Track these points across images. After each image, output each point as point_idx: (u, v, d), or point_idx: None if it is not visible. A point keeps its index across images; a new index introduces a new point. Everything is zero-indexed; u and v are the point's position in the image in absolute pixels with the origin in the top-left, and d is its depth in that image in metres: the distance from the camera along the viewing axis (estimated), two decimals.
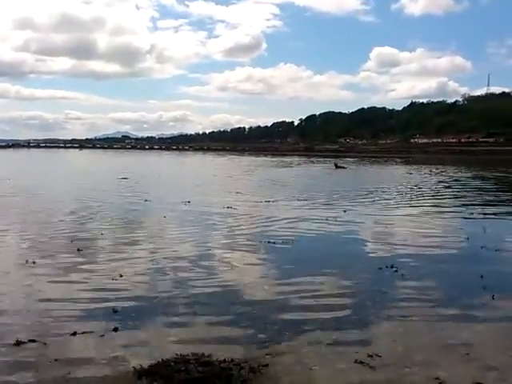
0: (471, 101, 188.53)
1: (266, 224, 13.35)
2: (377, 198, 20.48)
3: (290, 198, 20.29)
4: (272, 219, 14.17)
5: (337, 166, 46.44)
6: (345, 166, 49.11)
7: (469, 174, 38.66)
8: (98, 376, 4.63)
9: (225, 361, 4.81)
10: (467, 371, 4.69)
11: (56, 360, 4.91)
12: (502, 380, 4.51)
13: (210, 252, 9.89)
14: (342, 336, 5.56)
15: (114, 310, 6.35)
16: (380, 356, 4.99)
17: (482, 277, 7.83)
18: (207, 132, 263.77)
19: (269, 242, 10.73)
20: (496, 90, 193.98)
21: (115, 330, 5.71)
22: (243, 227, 12.83)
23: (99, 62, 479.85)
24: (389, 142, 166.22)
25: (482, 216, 15.27)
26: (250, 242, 10.86)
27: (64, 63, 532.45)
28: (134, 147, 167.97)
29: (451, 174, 39.04)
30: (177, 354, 4.96)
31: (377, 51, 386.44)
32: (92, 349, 5.23)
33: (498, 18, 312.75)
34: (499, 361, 4.92)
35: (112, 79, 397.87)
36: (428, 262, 9.14)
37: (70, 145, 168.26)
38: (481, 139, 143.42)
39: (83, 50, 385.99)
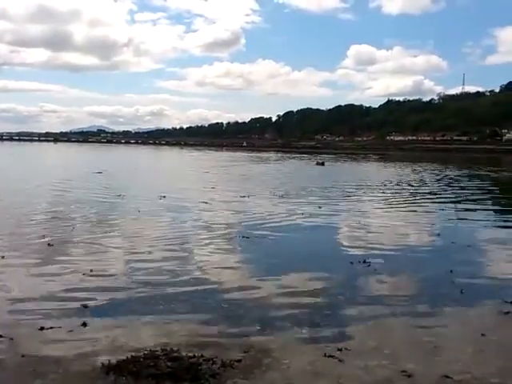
0: (446, 100, 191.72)
1: (240, 219, 13.34)
2: (352, 195, 20.68)
3: (266, 193, 20.32)
4: (247, 214, 14.16)
5: (318, 163, 46.80)
6: (323, 162, 49.26)
7: (446, 172, 39.23)
8: (66, 371, 4.55)
9: (194, 356, 4.78)
10: (434, 364, 4.75)
11: (23, 356, 4.82)
12: (467, 372, 4.58)
13: (183, 247, 9.82)
14: (313, 331, 5.59)
15: (84, 306, 6.26)
16: (349, 350, 5.03)
17: (451, 272, 7.97)
18: (184, 127, 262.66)
19: (243, 237, 10.72)
20: (471, 89, 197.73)
21: (84, 325, 5.63)
22: (218, 222, 12.78)
23: (75, 54, 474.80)
24: (365, 139, 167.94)
25: (454, 212, 15.54)
26: (223, 237, 10.84)
27: (39, 55, 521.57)
28: (109, 141, 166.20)
29: (428, 171, 39.59)
30: (146, 350, 4.92)
31: (354, 49, 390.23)
32: (60, 344, 5.14)
33: (474, 18, 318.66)
34: (465, 354, 5.01)
35: (88, 72, 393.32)
36: (400, 257, 9.24)
37: (44, 138, 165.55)
38: (455, 137, 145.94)
39: (59, 42, 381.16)
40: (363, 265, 8.40)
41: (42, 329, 5.46)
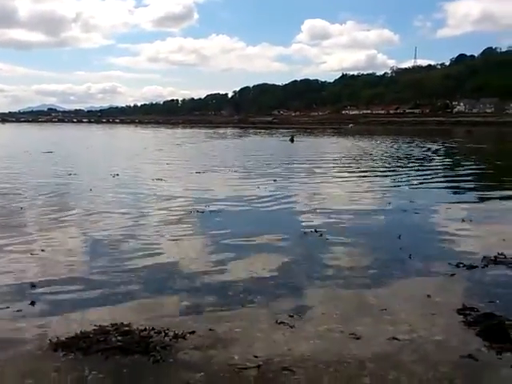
0: (399, 73, 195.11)
1: (195, 194, 13.26)
2: (306, 167, 20.85)
3: (221, 168, 20.27)
4: (202, 189, 14.11)
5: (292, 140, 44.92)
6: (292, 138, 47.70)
7: (399, 144, 40.09)
8: (13, 351, 4.43)
9: (145, 329, 4.75)
10: (382, 327, 4.89)
11: None
12: (413, 332, 4.74)
13: (136, 224, 9.67)
14: (264, 299, 5.64)
15: (32, 285, 6.11)
16: (300, 316, 5.11)
17: (399, 237, 8.19)
18: (139, 104, 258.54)
19: (197, 212, 10.68)
20: (422, 62, 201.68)
21: (32, 303, 5.50)
22: (172, 197, 12.67)
23: (21, 31, 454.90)
24: (321, 113, 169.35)
25: (406, 182, 15.95)
26: (178, 212, 10.74)
27: None
28: (61, 120, 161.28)
29: (381, 144, 40.36)
30: (96, 326, 4.85)
31: (309, 23, 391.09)
32: (6, 325, 5.00)
33: None
34: (411, 315, 5.17)
35: (36, 49, 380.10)
36: (351, 226, 9.42)
37: None
38: (408, 110, 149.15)
39: (3, 18, 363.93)
40: (315, 234, 8.52)
41: None
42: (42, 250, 7.60)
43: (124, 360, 4.26)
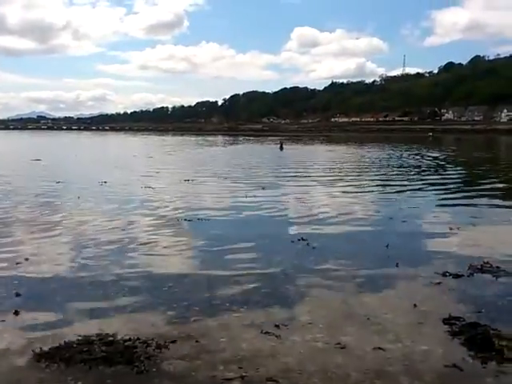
0: (388, 81, 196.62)
1: (183, 202, 13.23)
2: (295, 175, 20.88)
3: (210, 176, 20.26)
4: (190, 197, 14.08)
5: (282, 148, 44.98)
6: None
7: (389, 152, 40.30)
8: None
9: (130, 339, 4.71)
10: (368, 336, 4.88)
11: None
12: (398, 342, 4.74)
13: (124, 232, 9.62)
14: (250, 309, 5.62)
15: (17, 294, 6.04)
16: (286, 325, 5.09)
17: (387, 246, 8.21)
18: (129, 112, 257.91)
19: (185, 220, 10.65)
20: (411, 70, 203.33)
21: (16, 313, 5.44)
22: (160, 206, 12.62)
23: (10, 38, 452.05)
24: (310, 121, 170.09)
25: (394, 190, 16.00)
26: (166, 220, 10.70)
27: None
28: (50, 128, 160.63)
29: (371, 152, 40.54)
30: (80, 336, 4.80)
31: (298, 31, 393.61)
32: None
33: (412, 0, 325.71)
34: (397, 325, 5.17)
35: (25, 56, 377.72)
36: (338, 235, 9.44)
37: None
38: (397, 118, 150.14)
39: None
40: (302, 242, 8.51)
41: None
42: (26, 259, 7.53)
43: (107, 370, 4.22)
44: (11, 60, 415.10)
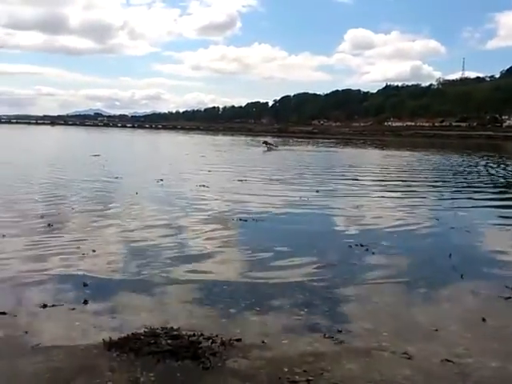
0: (445, 85, 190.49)
1: (238, 202, 13.31)
2: (348, 180, 20.60)
3: (263, 177, 20.29)
4: (244, 197, 14.15)
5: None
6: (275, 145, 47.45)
7: (449, 159, 39.18)
8: (68, 348, 4.56)
9: (194, 334, 4.78)
10: (435, 348, 4.75)
11: (26, 332, 4.84)
12: (468, 356, 4.58)
13: (182, 228, 9.83)
14: (312, 312, 5.59)
15: (85, 284, 6.27)
16: (350, 331, 5.04)
17: (450, 256, 7.96)
18: (181, 111, 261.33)
19: (240, 220, 10.71)
20: (470, 74, 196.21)
21: (85, 302, 5.65)
22: (215, 204, 12.77)
23: (71, 38, 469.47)
24: (362, 124, 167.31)
25: (453, 199, 15.50)
26: (221, 219, 10.82)
27: (35, 38, 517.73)
28: (106, 125, 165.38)
29: (429, 158, 39.48)
30: (146, 328, 4.92)
31: (352, 33, 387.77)
32: (62, 321, 5.16)
33: (473, 2, 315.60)
34: (466, 338, 5.01)
35: (84, 55, 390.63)
36: (398, 242, 9.23)
37: (41, 121, 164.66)
38: (454, 123, 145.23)
39: (54, 25, 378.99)
40: (361, 248, 8.39)
41: (44, 306, 5.48)
42: (93, 251, 7.79)
43: (174, 364, 4.29)
44: (71, 59, 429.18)
